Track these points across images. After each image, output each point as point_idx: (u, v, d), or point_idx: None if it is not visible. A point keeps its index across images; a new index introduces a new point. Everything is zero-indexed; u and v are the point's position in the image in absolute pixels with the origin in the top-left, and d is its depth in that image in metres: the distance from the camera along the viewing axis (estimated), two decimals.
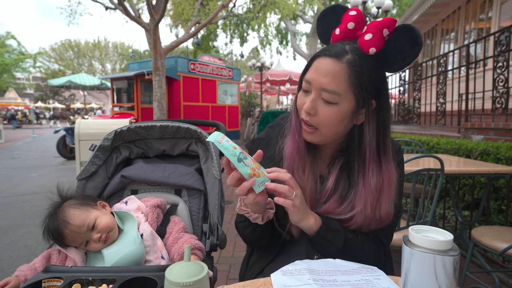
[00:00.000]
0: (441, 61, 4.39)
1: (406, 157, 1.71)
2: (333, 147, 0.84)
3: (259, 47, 17.33)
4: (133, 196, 1.11)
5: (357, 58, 0.69)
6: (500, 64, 3.12)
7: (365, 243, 0.78)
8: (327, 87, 0.70)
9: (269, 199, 0.78)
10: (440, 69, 4.41)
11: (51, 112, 28.87)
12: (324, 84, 0.70)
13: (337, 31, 0.74)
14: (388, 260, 0.87)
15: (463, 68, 4.58)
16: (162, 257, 0.97)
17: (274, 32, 15.70)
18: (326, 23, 0.78)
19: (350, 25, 0.71)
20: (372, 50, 0.69)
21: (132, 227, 0.98)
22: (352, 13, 0.72)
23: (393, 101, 6.71)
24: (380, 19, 0.71)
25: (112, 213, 1.02)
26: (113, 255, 0.90)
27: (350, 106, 0.72)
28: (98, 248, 0.93)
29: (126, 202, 1.08)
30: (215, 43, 16.28)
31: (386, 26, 0.68)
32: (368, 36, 0.69)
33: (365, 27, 0.71)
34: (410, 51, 0.69)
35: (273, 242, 0.87)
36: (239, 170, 0.67)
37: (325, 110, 0.72)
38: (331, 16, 0.77)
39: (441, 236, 0.49)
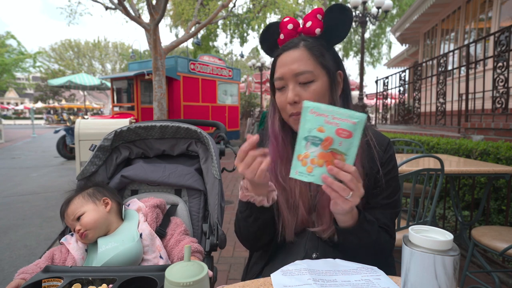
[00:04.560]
0: (441, 61, 4.39)
1: (406, 157, 1.71)
2: None
3: (259, 47, 17.34)
4: (135, 198, 1.11)
5: (311, 41, 0.80)
6: (500, 64, 3.12)
7: (380, 232, 0.79)
8: (299, 70, 0.77)
9: (270, 183, 0.77)
10: (440, 69, 4.41)
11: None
12: (295, 70, 0.78)
13: (281, 36, 0.84)
14: (389, 259, 0.87)
15: (463, 68, 4.58)
16: (161, 257, 0.97)
17: None
18: (267, 39, 0.89)
19: (290, 26, 0.82)
20: (318, 30, 0.80)
21: (133, 225, 0.99)
22: (286, 19, 0.84)
23: (393, 101, 6.71)
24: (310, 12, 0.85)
25: (122, 211, 1.03)
26: (110, 251, 0.90)
27: (325, 80, 0.79)
28: (82, 240, 0.94)
29: (128, 205, 1.09)
30: (215, 43, 16.28)
31: (317, 13, 0.81)
32: (309, 24, 0.81)
33: (301, 21, 0.83)
34: (345, 17, 0.79)
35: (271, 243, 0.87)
36: (296, 145, 0.64)
37: (307, 91, 0.78)
38: (268, 33, 0.88)
39: (441, 236, 0.49)
